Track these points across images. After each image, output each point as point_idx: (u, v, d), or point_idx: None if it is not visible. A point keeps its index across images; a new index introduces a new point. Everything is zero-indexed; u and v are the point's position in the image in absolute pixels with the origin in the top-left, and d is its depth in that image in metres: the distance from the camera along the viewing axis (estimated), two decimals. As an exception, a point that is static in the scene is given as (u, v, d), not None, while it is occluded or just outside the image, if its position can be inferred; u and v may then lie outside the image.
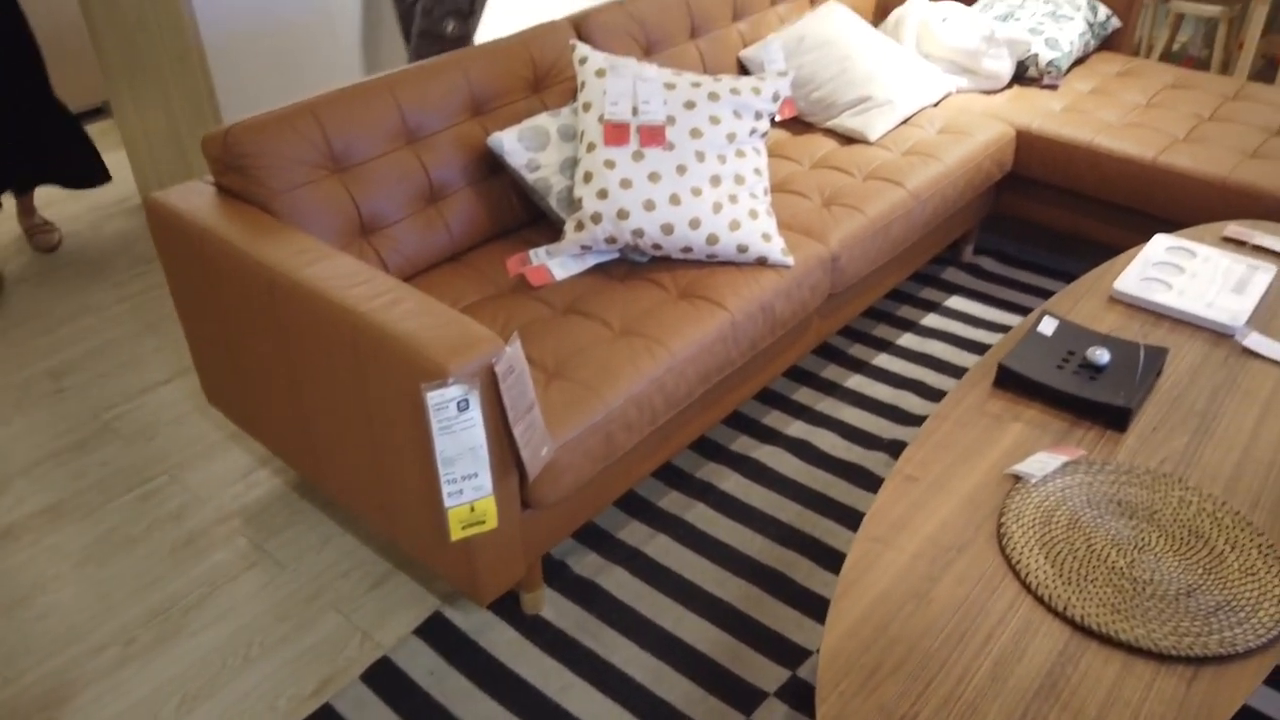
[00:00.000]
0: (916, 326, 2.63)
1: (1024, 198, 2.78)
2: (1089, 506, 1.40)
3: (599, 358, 1.78)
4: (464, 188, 2.13)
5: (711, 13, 2.63)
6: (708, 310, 1.93)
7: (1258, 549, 1.33)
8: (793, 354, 2.26)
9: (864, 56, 2.67)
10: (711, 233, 2.02)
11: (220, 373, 2.02)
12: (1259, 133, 2.55)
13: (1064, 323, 1.76)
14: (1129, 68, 2.97)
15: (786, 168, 2.48)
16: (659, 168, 2.01)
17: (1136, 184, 2.48)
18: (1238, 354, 1.72)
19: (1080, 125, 2.60)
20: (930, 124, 2.65)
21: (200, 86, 2.62)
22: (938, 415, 1.62)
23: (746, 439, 2.26)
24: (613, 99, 2.04)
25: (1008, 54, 2.82)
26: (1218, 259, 1.94)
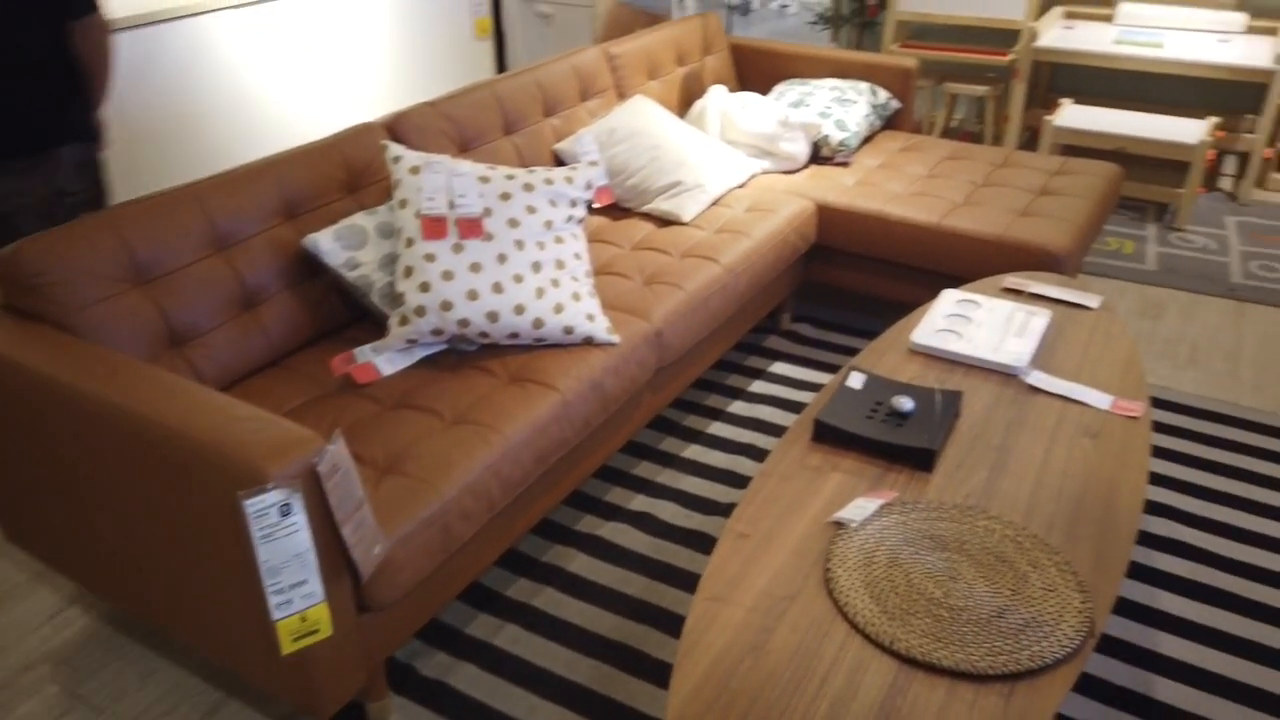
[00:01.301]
0: (745, 393, 2.74)
1: (830, 266, 2.97)
2: (906, 544, 1.49)
3: (431, 449, 1.77)
4: (281, 291, 2.09)
5: (523, 109, 2.73)
6: (539, 393, 1.95)
7: (1056, 568, 1.44)
8: (628, 429, 2.30)
9: (672, 145, 2.83)
10: (537, 317, 2.05)
11: (19, 507, 1.88)
12: (1026, 194, 2.85)
13: (870, 376, 1.89)
14: (911, 144, 3.26)
15: (608, 251, 2.57)
16: (480, 258, 2.05)
17: (925, 246, 2.70)
18: (1024, 391, 1.88)
19: (871, 197, 2.83)
20: (738, 203, 2.82)
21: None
22: (763, 473, 1.69)
23: (591, 517, 2.28)
24: (428, 194, 2.07)
25: (802, 137, 3.04)
26: (1000, 308, 2.13)
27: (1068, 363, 1.96)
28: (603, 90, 3.02)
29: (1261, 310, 3.08)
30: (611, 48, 3.07)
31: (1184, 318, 3.05)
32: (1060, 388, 1.86)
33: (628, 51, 3.11)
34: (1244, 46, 3.76)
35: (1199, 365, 2.80)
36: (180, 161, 2.85)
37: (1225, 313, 3.07)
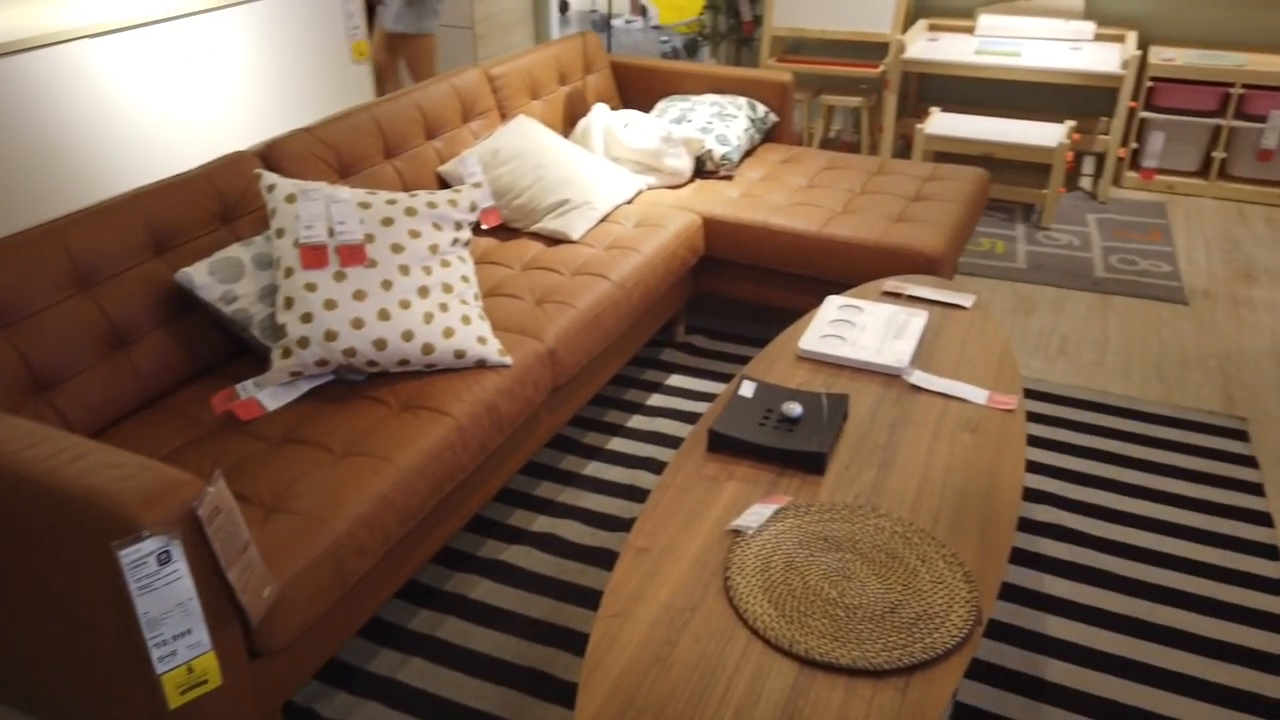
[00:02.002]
0: (643, 407, 2.75)
1: (720, 277, 3.02)
2: (801, 547, 1.52)
3: (321, 484, 1.72)
4: (154, 329, 2.00)
5: (404, 133, 2.69)
6: (432, 419, 1.92)
7: (943, 560, 1.49)
8: (527, 450, 2.28)
9: (558, 163, 2.83)
10: (426, 342, 2.02)
11: None
12: (900, 200, 2.95)
13: (761, 384, 1.92)
14: (791, 155, 3.34)
15: (498, 272, 2.55)
16: (363, 285, 2.01)
17: (808, 254, 2.77)
18: (907, 391, 1.95)
19: (755, 208, 2.89)
20: (627, 220, 2.84)
21: None
22: (661, 486, 1.70)
23: (493, 542, 2.25)
24: (306, 222, 2.02)
25: (685, 152, 3.09)
26: (881, 311, 2.20)
27: (946, 361, 2.04)
28: (485, 111, 3.01)
29: (1123, 301, 3.27)
30: (492, 68, 3.07)
31: (1053, 312, 3.21)
32: (940, 385, 1.93)
33: (509, 71, 3.10)
34: (1094, 53, 4.00)
35: (1069, 356, 2.95)
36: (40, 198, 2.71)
37: (1091, 305, 3.24)
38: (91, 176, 2.83)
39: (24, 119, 2.62)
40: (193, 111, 3.10)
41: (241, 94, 3.27)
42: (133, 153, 2.94)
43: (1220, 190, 4.09)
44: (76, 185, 2.80)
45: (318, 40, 3.56)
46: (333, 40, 3.66)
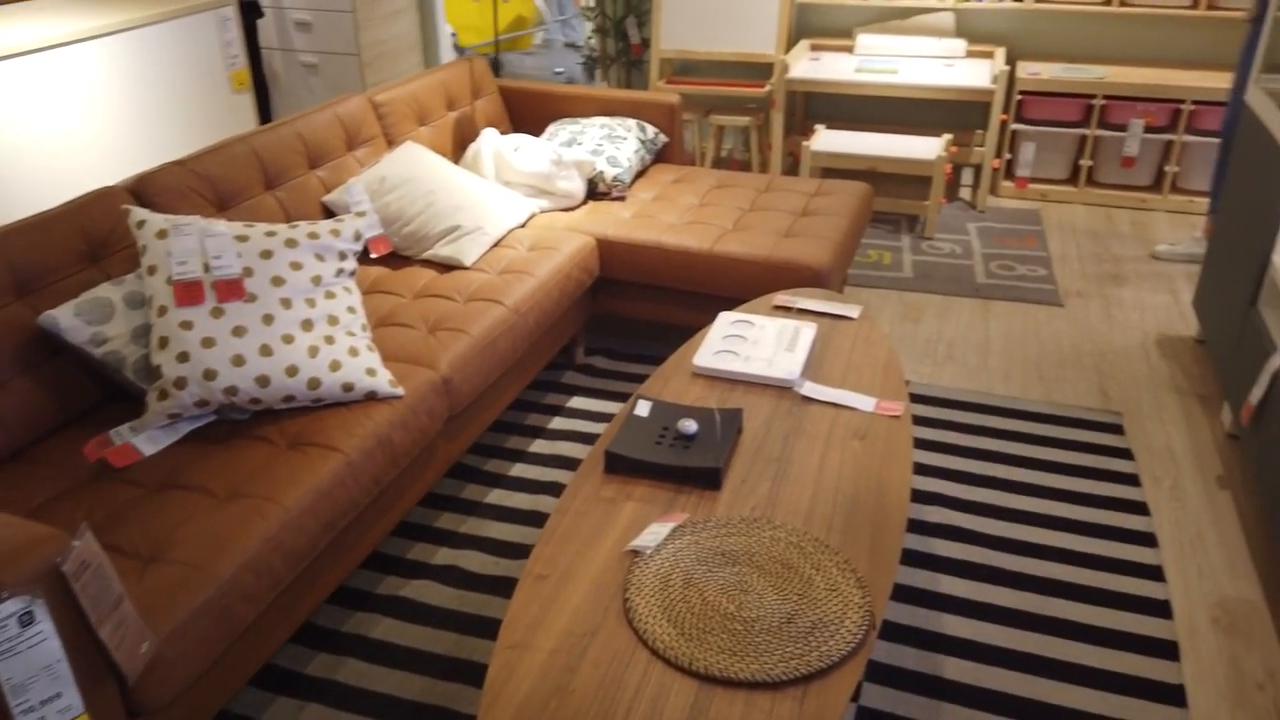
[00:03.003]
0: (545, 431, 2.73)
1: (616, 298, 3.03)
2: (699, 563, 1.52)
3: (203, 530, 1.65)
4: (16, 377, 1.89)
5: (285, 162, 2.62)
6: (321, 456, 1.86)
7: (837, 567, 1.52)
8: (425, 482, 2.24)
9: (448, 189, 2.80)
10: (312, 377, 1.97)
11: None
12: (789, 216, 3.02)
13: (657, 403, 1.93)
14: (682, 175, 3.38)
15: (389, 301, 2.50)
16: (243, 321, 1.94)
17: (701, 271, 2.80)
18: (798, 402, 1.98)
19: (648, 228, 2.91)
20: (520, 244, 2.82)
21: None
22: (559, 510, 1.68)
23: (393, 578, 2.19)
24: (179, 258, 1.94)
25: (577, 174, 3.10)
26: (772, 325, 2.24)
27: (835, 371, 2.08)
28: (371, 138, 2.96)
29: (1004, 306, 3.40)
30: (376, 95, 3.02)
31: (939, 318, 3.32)
32: (830, 395, 1.97)
33: (394, 98, 3.06)
34: (966, 70, 4.18)
35: (955, 361, 3.06)
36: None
37: (974, 311, 3.37)
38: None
39: None
40: (64, 146, 2.96)
41: (116, 127, 3.14)
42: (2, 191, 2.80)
43: (1089, 196, 4.31)
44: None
45: (195, 71, 3.46)
46: (211, 70, 3.56)
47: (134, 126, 3.22)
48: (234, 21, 3.68)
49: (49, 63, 2.88)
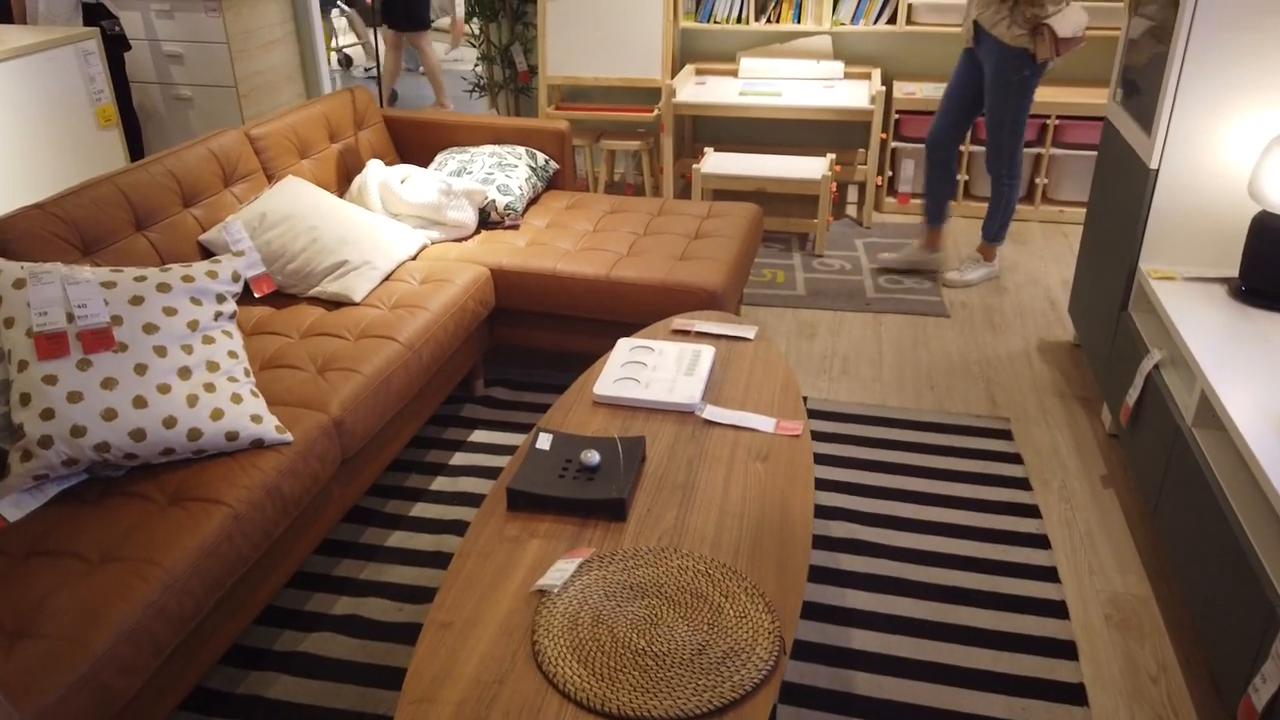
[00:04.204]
0: (446, 468, 2.67)
1: (514, 327, 2.98)
2: (607, 599, 1.49)
3: (75, 600, 1.54)
4: None
5: (157, 202, 2.50)
6: (205, 511, 1.77)
7: (745, 593, 1.51)
8: (320, 528, 2.15)
9: (333, 223, 2.71)
10: (192, 427, 1.87)
11: None
12: (682, 239, 3.03)
13: (558, 435, 1.89)
14: (575, 201, 3.37)
15: (275, 343, 2.40)
16: (113, 372, 1.83)
17: (598, 298, 2.79)
18: (700, 426, 1.98)
19: (543, 256, 2.89)
20: (412, 277, 2.76)
21: None
22: (461, 553, 1.63)
23: (290, 633, 2.09)
24: (40, 309, 1.82)
25: (468, 204, 3.05)
26: (670, 349, 2.23)
27: (735, 393, 2.09)
28: (249, 173, 2.85)
29: (892, 319, 3.50)
30: (253, 129, 2.91)
31: (833, 334, 3.39)
32: (730, 418, 1.98)
33: (272, 131, 2.96)
34: (846, 91, 4.30)
35: (850, 375, 3.12)
36: None
37: (865, 325, 3.45)
38: None
39: None
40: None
41: (-37, 169, 2.95)
42: None
43: (965, 209, 4.48)
44: None
45: (56, 108, 3.28)
46: (75, 106, 3.38)
47: (-12, 167, 3.03)
48: (97, 55, 3.51)
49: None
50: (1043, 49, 3.25)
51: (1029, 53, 3.29)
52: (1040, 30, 3.23)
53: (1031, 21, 3.23)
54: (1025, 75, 3.35)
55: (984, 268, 3.77)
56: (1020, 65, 3.33)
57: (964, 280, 3.74)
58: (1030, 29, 3.24)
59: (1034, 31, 3.24)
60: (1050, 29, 3.21)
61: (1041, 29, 3.22)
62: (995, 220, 3.68)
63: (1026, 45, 3.27)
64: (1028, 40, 3.27)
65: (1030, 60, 3.31)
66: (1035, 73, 3.35)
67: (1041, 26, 3.22)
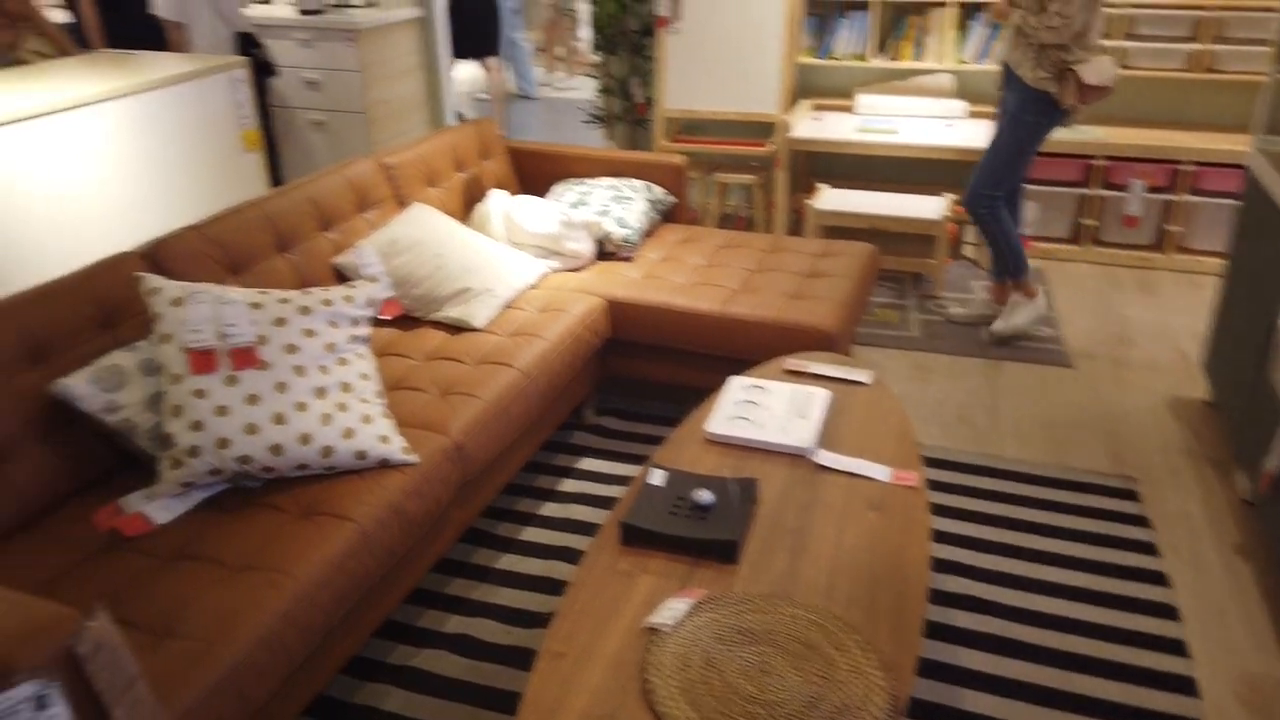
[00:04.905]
0: (555, 494, 2.72)
1: (626, 358, 3.03)
2: (718, 642, 1.50)
3: (215, 604, 1.63)
4: (30, 446, 1.88)
5: (297, 226, 2.64)
6: (334, 526, 1.85)
7: (858, 647, 1.49)
8: (437, 548, 2.22)
9: (457, 251, 2.82)
10: (325, 445, 1.96)
11: None
12: (795, 278, 3.03)
13: (671, 471, 1.92)
14: (689, 235, 3.41)
15: (400, 365, 2.50)
16: (257, 389, 1.94)
17: (710, 333, 2.81)
18: (813, 471, 1.97)
19: (657, 289, 2.93)
20: (530, 305, 2.83)
21: None
22: (575, 584, 1.66)
23: (404, 648, 2.16)
24: (193, 327, 1.95)
25: (586, 235, 3.12)
26: (783, 390, 2.23)
27: (849, 439, 2.08)
28: (381, 200, 2.98)
29: (1013, 366, 3.41)
30: (386, 158, 3.05)
31: (948, 379, 3.32)
32: (845, 464, 1.96)
33: (404, 161, 3.09)
34: (967, 130, 4.23)
35: (965, 423, 3.05)
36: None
37: (983, 371, 3.37)
38: (-40, 280, 2.69)
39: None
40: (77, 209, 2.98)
41: (130, 188, 3.17)
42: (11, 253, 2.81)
43: (1093, 255, 4.34)
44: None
45: (207, 131, 3.50)
46: (223, 130, 3.59)
47: (147, 187, 3.25)
48: (245, 82, 3.73)
49: (68, 125, 2.91)
50: (1067, 94, 3.14)
51: (1050, 96, 3.18)
52: (1066, 76, 3.12)
53: (1057, 66, 3.13)
54: (1040, 119, 3.25)
55: (1027, 307, 3.58)
56: (1039, 107, 3.22)
57: (1011, 327, 3.56)
58: (1056, 73, 3.14)
59: (1060, 77, 3.14)
60: (1076, 75, 3.10)
61: (1067, 75, 3.12)
62: (1002, 257, 3.51)
63: (1049, 89, 3.17)
64: (1051, 84, 3.16)
65: (1050, 105, 3.20)
66: (1052, 118, 3.24)
67: (1068, 72, 3.11)
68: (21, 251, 2.83)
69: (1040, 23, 3.08)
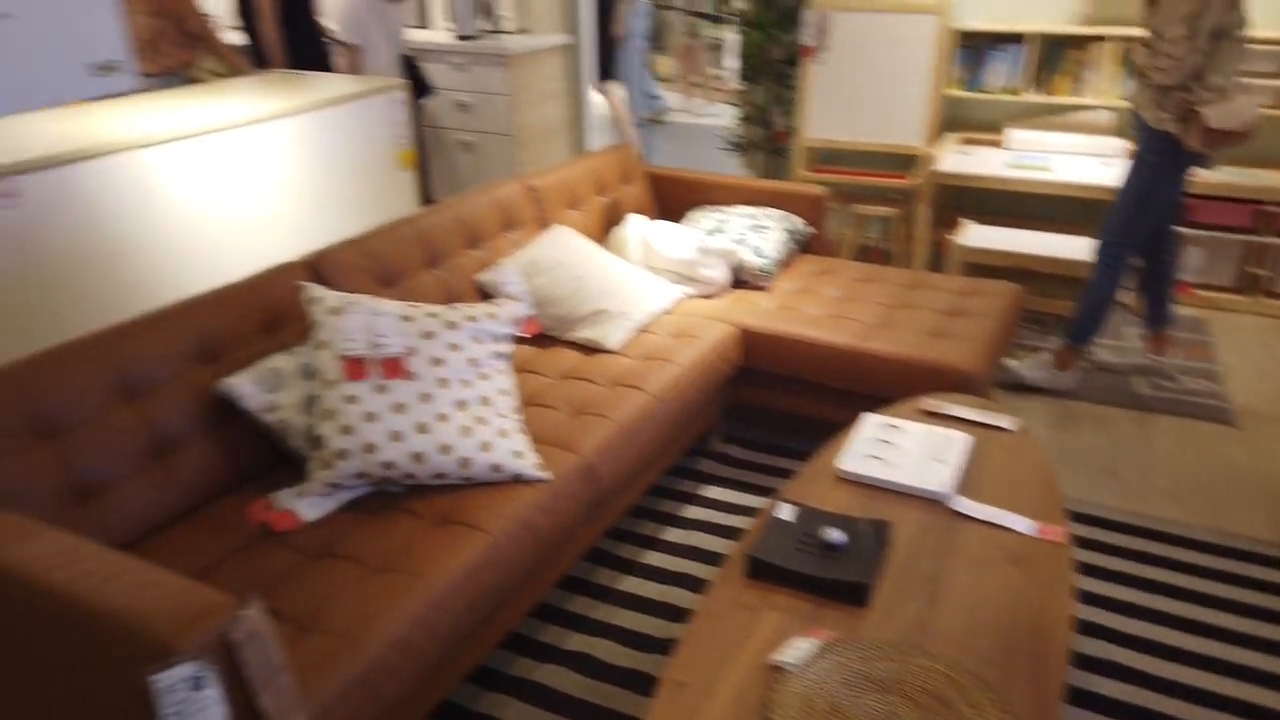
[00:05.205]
0: (678, 520, 2.72)
1: (757, 387, 3.01)
2: (845, 687, 1.47)
3: (355, 601, 1.70)
4: (197, 438, 2.02)
5: (446, 243, 2.74)
6: (467, 535, 1.90)
7: (994, 706, 1.43)
8: (562, 564, 2.25)
9: (595, 273, 2.87)
10: (463, 456, 2.02)
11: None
12: (935, 315, 2.95)
13: (800, 506, 1.89)
14: (826, 267, 3.37)
15: (536, 382, 2.56)
16: (403, 398, 2.02)
17: (844, 367, 2.77)
18: (949, 518, 1.91)
19: (791, 320, 2.90)
20: (664, 330, 2.86)
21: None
22: (699, 613, 1.66)
23: (525, 660, 2.20)
24: (348, 335, 2.05)
25: (722, 263, 3.13)
26: (919, 431, 2.17)
27: (989, 486, 2.00)
28: (524, 221, 3.07)
29: (1168, 421, 3.21)
30: (532, 181, 3.14)
31: (1096, 430, 3.16)
32: (984, 513, 1.89)
33: (548, 184, 3.18)
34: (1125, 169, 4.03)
35: (1114, 477, 2.89)
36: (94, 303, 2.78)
37: (1134, 423, 3.19)
38: (146, 283, 2.91)
39: (84, 226, 2.70)
40: (245, 219, 3.19)
41: (292, 202, 3.37)
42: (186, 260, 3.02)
43: (1263, 307, 4.06)
44: (132, 291, 2.86)
45: (367, 149, 3.68)
46: (381, 149, 3.77)
47: (309, 200, 3.44)
48: (404, 103, 3.91)
49: (240, 140, 3.12)
50: (1190, 137, 2.90)
51: (1172, 138, 2.96)
52: (1190, 117, 2.89)
53: (1181, 107, 2.90)
54: (1164, 161, 3.03)
55: (1054, 373, 3.32)
56: (1161, 148, 3.00)
57: (1030, 378, 3.33)
58: (1179, 115, 2.92)
59: (1183, 118, 2.91)
60: (1201, 117, 2.87)
61: (1191, 116, 2.89)
62: (1083, 312, 3.28)
63: (1170, 129, 2.94)
64: (1173, 125, 2.93)
65: (1174, 147, 2.97)
66: (1179, 161, 3.01)
67: (1191, 113, 2.89)
68: (197, 258, 3.04)
69: (1153, 63, 2.91)
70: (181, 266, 3.01)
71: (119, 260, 2.81)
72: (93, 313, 2.78)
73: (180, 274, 3.01)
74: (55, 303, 2.68)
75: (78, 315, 2.75)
